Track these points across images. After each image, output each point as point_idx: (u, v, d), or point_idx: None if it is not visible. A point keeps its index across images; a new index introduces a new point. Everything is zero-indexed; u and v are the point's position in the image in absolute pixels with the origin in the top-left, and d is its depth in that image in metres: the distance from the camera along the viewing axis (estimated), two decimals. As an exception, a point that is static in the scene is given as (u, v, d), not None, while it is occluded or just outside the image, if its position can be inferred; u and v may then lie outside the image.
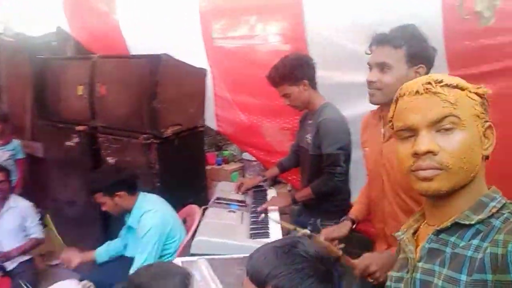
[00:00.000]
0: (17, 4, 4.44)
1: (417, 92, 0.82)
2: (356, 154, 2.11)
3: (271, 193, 2.54)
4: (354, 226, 1.68)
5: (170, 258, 2.13)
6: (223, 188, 2.63)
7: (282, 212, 2.30)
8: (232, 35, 2.89)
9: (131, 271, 2.04)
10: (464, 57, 1.97)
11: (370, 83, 1.41)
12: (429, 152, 0.78)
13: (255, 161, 3.24)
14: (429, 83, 0.81)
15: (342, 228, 1.65)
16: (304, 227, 1.99)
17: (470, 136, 0.79)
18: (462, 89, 0.80)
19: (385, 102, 1.40)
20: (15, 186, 3.65)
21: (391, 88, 1.36)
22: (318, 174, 2.11)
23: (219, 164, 3.51)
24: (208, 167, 3.31)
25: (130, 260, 2.16)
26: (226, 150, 3.63)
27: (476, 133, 0.80)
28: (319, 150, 2.07)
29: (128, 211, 2.26)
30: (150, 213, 2.16)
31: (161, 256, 2.14)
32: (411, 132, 0.82)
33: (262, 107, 2.86)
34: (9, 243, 2.97)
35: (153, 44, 3.06)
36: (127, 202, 2.23)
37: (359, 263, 1.28)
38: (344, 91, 2.39)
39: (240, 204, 2.28)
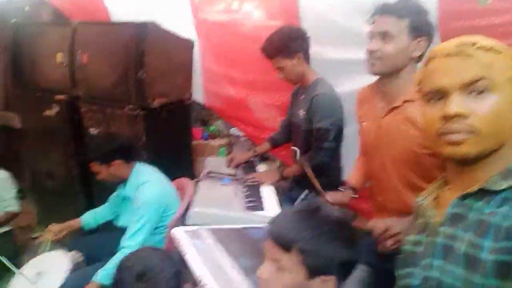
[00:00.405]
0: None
1: (448, 54, 0.80)
2: (348, 130, 2.15)
3: (261, 168, 2.54)
4: (354, 195, 1.72)
5: (164, 231, 2.11)
6: (213, 163, 2.60)
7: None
8: (214, 9, 2.83)
9: (123, 239, 2.01)
10: (458, 37, 2.00)
11: (371, 52, 1.41)
12: (459, 115, 0.76)
13: (243, 136, 3.22)
14: (463, 44, 0.79)
15: (345, 195, 1.69)
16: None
17: (503, 100, 0.76)
18: (497, 52, 0.78)
19: (385, 72, 1.42)
20: (-12, 158, 3.49)
21: (391, 58, 1.38)
22: (310, 149, 2.12)
23: (206, 139, 3.47)
24: (194, 142, 3.26)
25: (119, 231, 2.12)
26: (212, 125, 3.58)
27: (509, 98, 0.77)
28: (311, 125, 2.08)
29: (123, 180, 2.21)
30: (149, 183, 2.11)
31: (156, 228, 2.11)
32: (441, 94, 0.80)
33: (251, 82, 2.83)
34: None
35: (137, 11, 2.94)
36: (123, 171, 2.17)
37: (378, 225, 1.23)
38: (336, 67, 2.39)
39: (232, 177, 2.27)
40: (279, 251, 0.93)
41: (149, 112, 2.59)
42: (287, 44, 2.03)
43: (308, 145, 2.14)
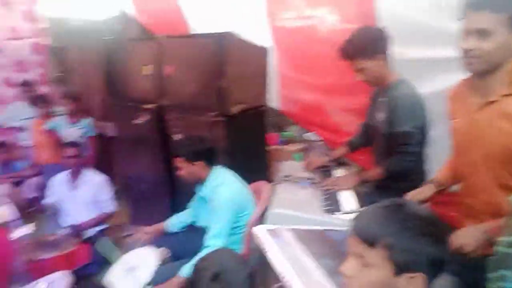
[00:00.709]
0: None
1: None
2: (434, 132, 2.05)
3: (338, 173, 2.51)
4: (437, 190, 1.63)
5: (241, 231, 2.19)
6: (289, 167, 2.63)
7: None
8: (289, 16, 2.88)
9: (206, 239, 2.13)
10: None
11: (467, 51, 1.33)
12: None
13: (319, 141, 3.22)
14: None
15: (426, 190, 1.61)
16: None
17: None
18: None
19: (484, 70, 1.33)
20: (86, 162, 3.89)
21: (491, 55, 1.29)
22: (392, 154, 2.05)
23: (281, 145, 3.52)
24: (269, 148, 3.33)
25: (200, 230, 2.24)
26: (288, 131, 3.63)
27: None
28: (392, 129, 2.01)
29: (201, 181, 2.32)
30: (226, 185, 2.22)
31: (232, 228, 2.19)
32: None
33: (327, 86, 2.82)
34: (83, 215, 3.17)
35: (215, 23, 3.10)
36: (203, 172, 2.29)
37: (453, 241, 1.21)
38: (417, 67, 2.30)
39: (310, 181, 2.27)
40: (364, 246, 0.92)
41: (228, 118, 2.70)
42: (369, 44, 1.98)
43: (389, 149, 2.08)
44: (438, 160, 1.93)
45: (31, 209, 3.83)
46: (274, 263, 1.30)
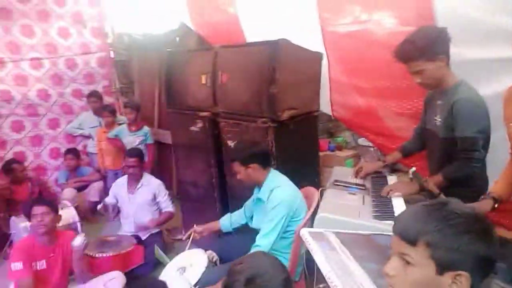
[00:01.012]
0: (144, 5, 4.96)
1: None
2: (495, 136, 1.92)
3: (392, 180, 2.42)
4: (496, 205, 1.52)
5: (292, 235, 2.18)
6: (340, 172, 2.58)
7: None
8: (343, 21, 2.85)
9: (257, 238, 2.16)
10: None
11: None
12: None
13: (371, 147, 3.14)
14: None
15: (483, 205, 1.51)
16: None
17: None
18: None
19: None
20: (146, 168, 4.10)
21: None
22: (449, 159, 1.94)
23: (332, 151, 3.48)
24: (321, 154, 3.30)
25: (251, 233, 2.26)
26: (339, 137, 3.57)
27: None
28: (452, 133, 1.91)
29: (258, 183, 2.39)
30: (281, 188, 2.26)
31: (284, 232, 2.20)
32: None
33: (381, 90, 2.75)
34: (143, 216, 3.35)
35: (270, 32, 3.14)
36: (258, 175, 2.35)
37: None
38: (478, 68, 2.18)
39: (360, 187, 2.22)
40: (406, 245, 0.89)
41: (279, 124, 2.72)
42: (430, 45, 1.87)
43: (446, 154, 1.97)
44: (496, 167, 1.80)
45: (94, 212, 4.11)
46: (319, 264, 1.28)
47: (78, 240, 2.47)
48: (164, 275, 2.36)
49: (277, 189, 2.25)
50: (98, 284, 2.59)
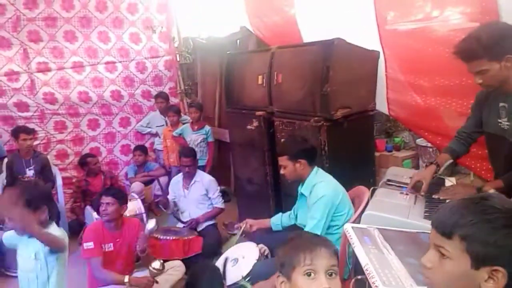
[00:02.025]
0: (207, 10, 5.19)
1: None
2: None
3: (449, 182, 2.32)
4: None
5: (338, 231, 2.20)
6: (395, 172, 2.52)
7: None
8: (407, 20, 2.77)
9: None
10: None
11: None
12: None
13: (430, 147, 3.02)
14: None
15: None
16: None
17: None
18: None
19: None
20: (206, 165, 4.31)
21: None
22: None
23: (389, 151, 3.39)
24: (377, 154, 3.24)
25: (303, 230, 2.30)
26: (397, 137, 3.47)
27: None
28: None
29: (302, 179, 2.43)
30: (323, 183, 2.30)
31: (329, 227, 2.22)
32: None
33: (441, 88, 2.65)
34: (196, 210, 3.54)
35: (326, 32, 3.16)
36: (304, 171, 2.40)
37: None
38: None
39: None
40: (442, 238, 0.89)
41: (332, 123, 2.73)
42: (496, 44, 1.70)
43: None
44: None
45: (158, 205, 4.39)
46: (359, 256, 1.31)
47: (152, 224, 2.69)
48: (218, 265, 2.49)
49: (319, 184, 2.30)
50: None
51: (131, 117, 4.93)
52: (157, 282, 2.60)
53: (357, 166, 2.94)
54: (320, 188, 2.27)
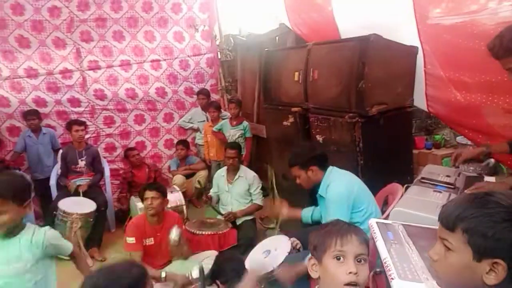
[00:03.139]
0: (247, 8, 5.26)
1: None
2: None
3: (489, 180, 2.25)
4: None
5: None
6: (431, 170, 2.48)
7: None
8: (456, 13, 2.68)
9: None
10: None
11: None
12: None
13: (470, 145, 2.91)
14: None
15: None
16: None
17: None
18: None
19: None
20: (243, 160, 4.40)
21: None
22: None
23: (428, 149, 3.30)
24: (415, 151, 3.17)
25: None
26: (438, 134, 3.37)
27: None
28: None
29: (317, 183, 2.47)
30: (335, 182, 2.34)
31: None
32: None
33: (483, 85, 2.54)
34: (238, 205, 3.63)
35: (364, 28, 3.12)
36: (317, 176, 2.45)
37: None
38: None
39: (448, 186, 2.12)
40: (445, 231, 0.92)
41: (367, 119, 2.71)
42: None
43: None
44: None
45: (199, 197, 4.56)
46: (379, 249, 1.33)
47: (174, 233, 2.72)
48: (251, 256, 2.56)
49: (332, 184, 2.33)
50: (191, 263, 2.91)
51: (174, 113, 5.14)
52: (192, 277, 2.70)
53: (394, 163, 2.90)
54: (333, 188, 2.32)
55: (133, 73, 4.86)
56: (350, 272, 1.11)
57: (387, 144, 2.86)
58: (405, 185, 2.23)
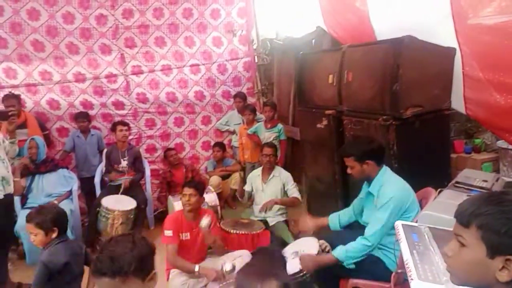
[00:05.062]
0: (284, 11, 5.31)
1: None
2: None
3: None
4: None
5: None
6: (468, 175, 2.41)
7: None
8: (485, 14, 2.59)
9: (366, 231, 2.23)
10: None
11: None
12: None
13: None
14: None
15: None
16: None
17: None
18: None
19: None
20: (278, 162, 4.44)
21: None
22: None
23: (468, 153, 3.18)
24: (454, 155, 3.07)
25: (361, 229, 2.31)
26: (478, 138, 3.24)
27: None
28: None
29: (369, 179, 2.41)
30: (391, 185, 2.25)
31: (393, 228, 2.19)
32: None
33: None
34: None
35: (399, 29, 3.08)
36: (372, 171, 2.37)
37: None
38: None
39: (483, 191, 2.05)
40: (460, 227, 0.93)
41: (402, 122, 2.67)
42: None
43: None
44: None
45: (234, 198, 4.64)
46: (402, 251, 1.33)
47: (204, 222, 2.80)
48: (285, 252, 2.60)
49: (386, 185, 2.25)
50: (228, 258, 2.98)
51: (211, 116, 5.27)
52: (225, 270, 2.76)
53: (430, 167, 2.82)
54: (387, 190, 2.23)
55: (173, 77, 5.04)
56: None
57: (423, 148, 2.79)
58: (439, 190, 2.18)
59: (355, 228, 2.58)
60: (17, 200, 3.57)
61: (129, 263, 1.20)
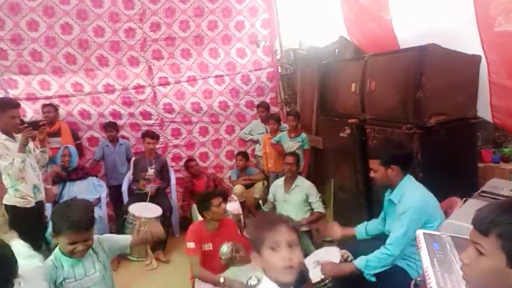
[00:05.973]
0: (307, 22, 5.35)
1: None
2: None
3: None
4: None
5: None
6: (495, 184, 2.35)
7: None
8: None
9: (388, 239, 2.19)
10: None
11: None
12: None
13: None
14: None
15: None
16: None
17: None
18: None
19: None
20: (301, 172, 4.44)
21: None
22: None
23: (496, 162, 3.10)
24: (481, 165, 2.99)
25: (386, 238, 2.28)
26: (507, 147, 3.15)
27: None
28: None
29: (391, 186, 2.34)
30: (413, 193, 2.19)
31: (414, 239, 2.16)
32: None
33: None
34: (295, 215, 3.65)
35: (423, 37, 3.05)
36: (396, 177, 2.29)
37: None
38: None
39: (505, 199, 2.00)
40: (479, 235, 0.91)
41: (426, 130, 2.64)
42: None
43: None
44: None
45: (257, 207, 4.66)
46: (422, 259, 1.32)
47: (224, 249, 2.77)
48: (307, 261, 2.59)
49: (408, 194, 2.19)
50: (252, 268, 2.98)
51: (235, 125, 5.34)
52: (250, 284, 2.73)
53: (456, 176, 2.76)
54: (409, 199, 2.17)
55: (198, 88, 5.15)
56: (285, 258, 1.22)
57: (449, 157, 2.74)
58: (464, 199, 2.14)
59: (383, 239, 2.54)
60: (48, 206, 3.71)
61: None
